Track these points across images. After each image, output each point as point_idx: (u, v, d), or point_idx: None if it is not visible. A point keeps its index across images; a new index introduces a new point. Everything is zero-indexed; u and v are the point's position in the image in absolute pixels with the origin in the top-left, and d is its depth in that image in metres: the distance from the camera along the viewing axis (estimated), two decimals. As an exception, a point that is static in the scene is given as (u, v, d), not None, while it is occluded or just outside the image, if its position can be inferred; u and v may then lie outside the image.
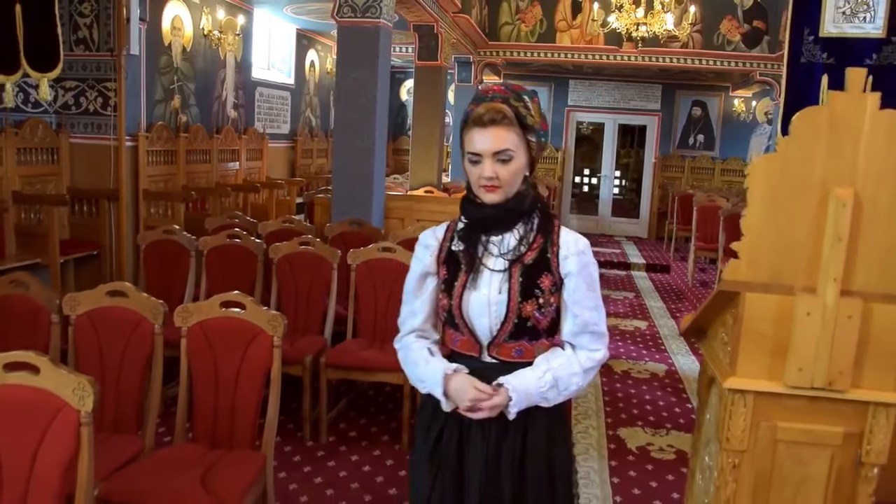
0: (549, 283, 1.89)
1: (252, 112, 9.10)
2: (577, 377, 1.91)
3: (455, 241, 1.97)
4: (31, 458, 2.13)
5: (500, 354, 1.94)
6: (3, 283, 3.38)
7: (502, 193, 1.85)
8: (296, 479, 3.77)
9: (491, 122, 1.82)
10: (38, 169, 6.03)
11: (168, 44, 7.05)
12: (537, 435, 1.95)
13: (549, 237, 1.92)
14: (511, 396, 1.85)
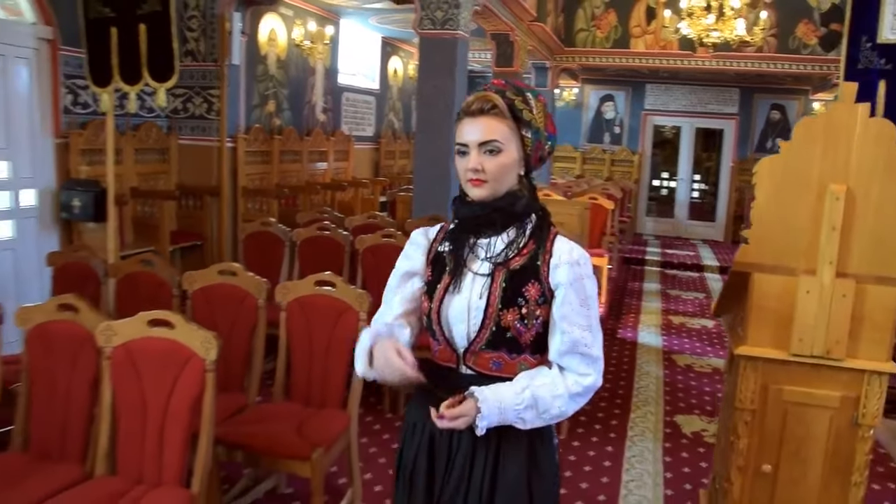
0: (535, 293, 1.75)
1: (339, 116, 9.69)
2: (561, 400, 1.74)
3: (444, 242, 1.85)
4: (168, 396, 2.66)
5: (476, 365, 1.79)
6: (134, 262, 4.00)
7: (489, 189, 1.73)
8: (375, 444, 4.23)
9: (479, 111, 1.73)
10: (152, 167, 6.72)
11: (264, 54, 7.67)
12: (514, 458, 1.79)
13: (543, 244, 1.78)
14: (479, 407, 1.69)
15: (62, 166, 5.79)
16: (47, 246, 5.57)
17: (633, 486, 3.90)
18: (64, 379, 2.87)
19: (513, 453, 1.79)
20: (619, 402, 5.07)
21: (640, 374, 5.71)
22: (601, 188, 9.32)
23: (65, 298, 2.93)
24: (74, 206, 5.54)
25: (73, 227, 5.80)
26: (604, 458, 4.20)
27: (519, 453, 1.80)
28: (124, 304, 3.85)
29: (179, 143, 6.97)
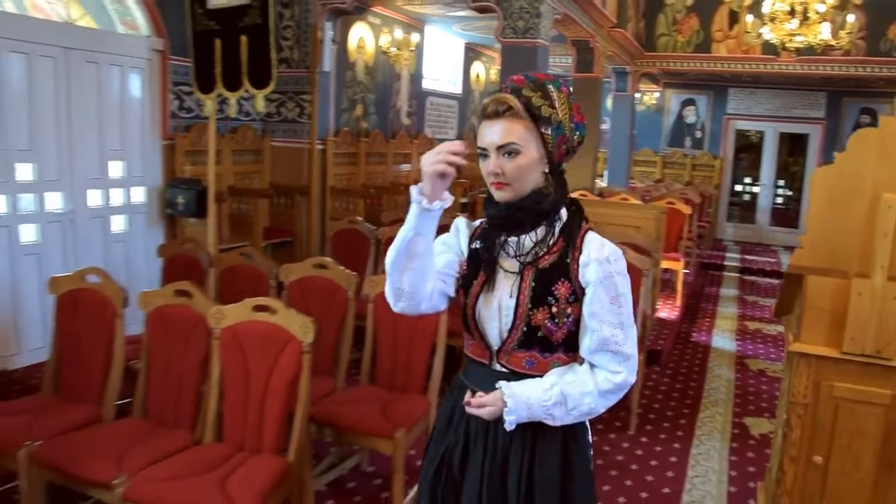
0: (565, 291, 1.74)
1: (423, 119, 10.03)
2: (591, 398, 1.74)
3: (477, 240, 1.86)
4: (269, 374, 2.98)
5: (510, 363, 1.80)
6: (235, 255, 4.39)
7: (512, 191, 1.71)
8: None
9: (495, 114, 1.71)
10: (247, 167, 7.18)
11: (353, 61, 8.05)
12: (549, 456, 1.80)
13: (572, 241, 1.76)
14: (506, 402, 1.73)
15: (168, 166, 6.29)
16: (154, 239, 6.07)
17: (698, 481, 4.04)
18: (178, 356, 3.23)
19: (548, 451, 1.80)
20: (689, 402, 5.19)
21: (711, 376, 5.81)
22: (680, 193, 9.37)
23: (180, 285, 3.30)
24: (178, 202, 6.02)
25: (176, 222, 6.29)
26: (670, 454, 4.35)
27: (554, 452, 1.80)
28: (226, 293, 4.23)
29: (272, 145, 7.41)
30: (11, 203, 5.13)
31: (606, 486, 3.89)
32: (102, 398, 3.35)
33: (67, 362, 3.50)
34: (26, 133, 5.15)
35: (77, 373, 3.46)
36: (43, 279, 5.21)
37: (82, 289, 3.52)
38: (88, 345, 3.44)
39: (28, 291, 5.24)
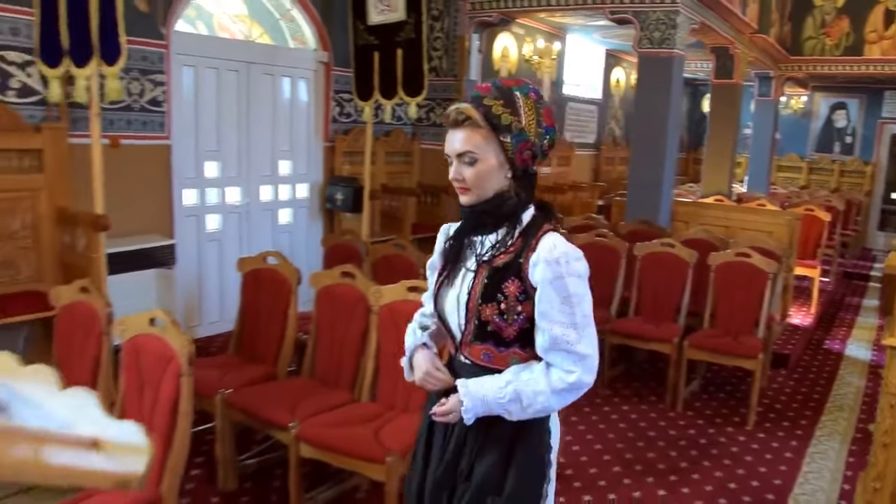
0: (515, 290, 1.79)
1: (563, 124, 10.34)
2: (543, 396, 1.77)
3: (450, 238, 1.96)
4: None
5: (471, 355, 1.89)
6: (389, 246, 4.94)
7: (473, 195, 1.81)
8: (577, 415, 4.83)
9: (455, 123, 1.79)
10: (398, 168, 7.78)
11: (497, 69, 8.51)
12: (492, 449, 1.88)
13: (529, 242, 1.80)
14: (462, 399, 1.80)
15: (329, 165, 6.98)
16: (314, 231, 6.78)
17: (812, 476, 4.18)
18: (342, 328, 3.78)
19: (492, 446, 1.87)
20: (813, 405, 5.26)
21: (839, 383, 5.82)
22: (823, 200, 9.20)
23: (345, 268, 3.85)
24: (337, 198, 6.68)
25: (334, 216, 6.96)
26: (786, 450, 4.49)
27: (497, 446, 1.87)
28: (380, 278, 4.76)
29: (421, 148, 7.98)
30: (200, 196, 5.94)
31: (718, 473, 4.12)
32: (277, 360, 3.96)
33: (249, 329, 4.14)
34: (214, 136, 5.95)
35: (257, 338, 4.09)
36: (222, 262, 6.03)
37: (263, 268, 4.16)
38: (267, 315, 4.06)
39: (210, 272, 6.04)
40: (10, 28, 4.52)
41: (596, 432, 4.59)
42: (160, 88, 5.43)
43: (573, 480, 3.95)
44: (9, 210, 4.43)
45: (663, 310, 5.34)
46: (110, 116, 4.94)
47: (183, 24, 5.77)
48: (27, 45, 4.54)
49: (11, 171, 4.43)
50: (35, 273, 4.58)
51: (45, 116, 4.68)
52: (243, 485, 3.72)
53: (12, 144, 4.40)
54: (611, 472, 4.06)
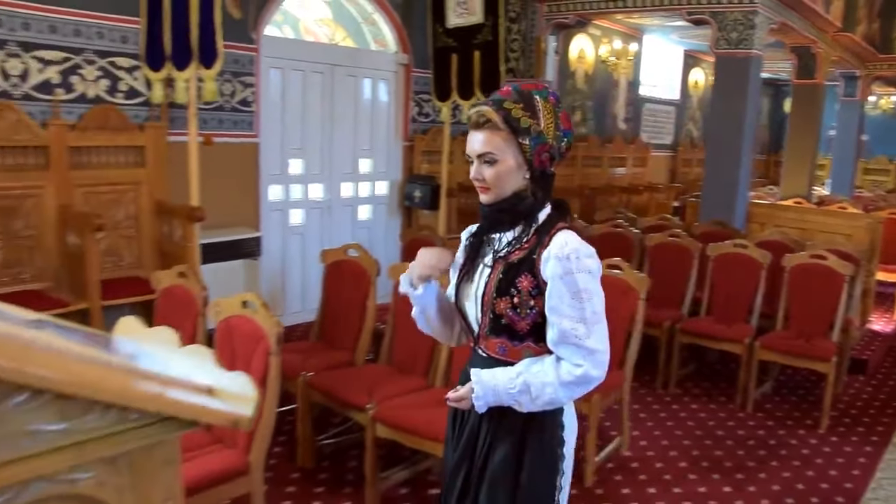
0: (528, 284, 1.86)
1: (639, 125, 10.34)
2: (551, 388, 1.82)
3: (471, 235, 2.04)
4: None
5: (487, 348, 1.95)
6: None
7: (492, 194, 1.87)
8: (646, 412, 4.92)
9: (476, 125, 1.86)
10: (474, 167, 7.95)
11: (573, 70, 8.59)
12: (504, 441, 1.93)
13: (542, 239, 1.87)
14: (474, 388, 1.88)
15: (407, 164, 7.22)
16: (392, 227, 7.03)
17: (886, 482, 4.10)
18: (417, 318, 3.97)
19: (504, 437, 1.93)
20: (891, 412, 5.14)
21: (925, 391, 5.69)
22: (911, 203, 8.94)
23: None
24: (415, 196, 6.90)
25: (412, 212, 7.19)
26: (860, 455, 4.43)
27: (509, 437, 1.92)
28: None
29: (501, 148, 8.12)
30: (285, 192, 6.25)
31: (786, 473, 4.12)
32: (356, 347, 4.18)
33: (330, 318, 4.37)
34: (299, 135, 6.25)
35: (337, 326, 4.32)
36: (304, 255, 6.32)
37: (345, 260, 4.39)
38: (347, 305, 4.29)
39: (293, 264, 6.35)
40: (121, 36, 4.90)
41: (663, 429, 4.65)
42: (250, 90, 5.75)
43: (638, 473, 4.03)
44: (114, 202, 4.82)
45: (735, 310, 5.35)
46: (204, 116, 5.26)
47: (271, 29, 6.08)
48: (134, 51, 4.93)
49: (118, 167, 4.83)
50: (136, 260, 4.97)
51: (148, 116, 5.05)
52: (321, 463, 3.95)
53: (120, 142, 4.80)
54: (676, 468, 4.12)
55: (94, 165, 4.76)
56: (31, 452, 1.04)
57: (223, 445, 3.01)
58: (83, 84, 4.76)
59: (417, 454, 3.80)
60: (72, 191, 4.65)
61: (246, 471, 2.90)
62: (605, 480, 3.92)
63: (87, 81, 4.77)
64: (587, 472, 3.86)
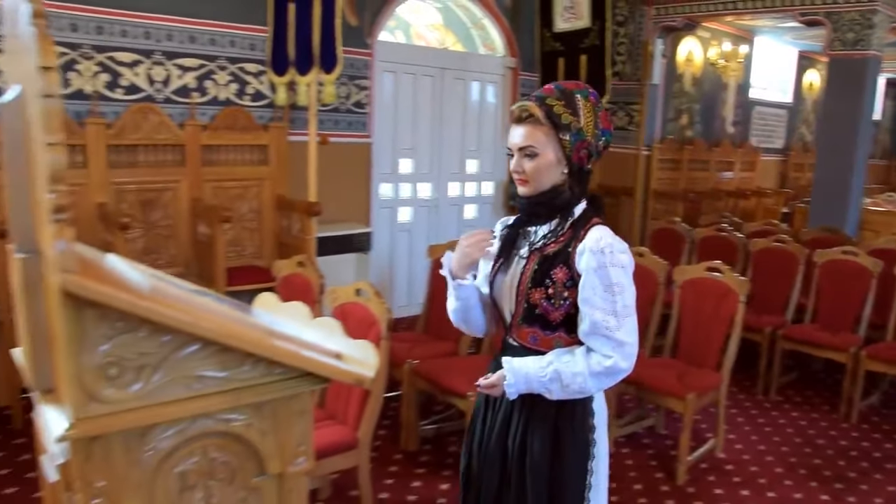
0: (562, 276, 1.90)
1: (748, 128, 10.13)
2: (581, 378, 1.87)
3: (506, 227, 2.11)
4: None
5: (519, 338, 2.01)
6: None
7: (531, 187, 1.93)
8: (744, 416, 4.91)
9: (518, 119, 1.92)
10: (577, 169, 8.05)
11: (681, 73, 8.53)
12: (539, 432, 1.99)
13: (578, 233, 1.92)
14: (506, 375, 1.94)
15: (512, 165, 7.37)
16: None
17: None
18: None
19: (538, 425, 2.00)
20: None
21: None
22: None
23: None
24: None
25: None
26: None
27: (543, 425, 1.99)
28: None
29: (603, 151, 8.18)
30: (395, 190, 6.55)
31: (891, 487, 4.03)
32: (459, 339, 4.37)
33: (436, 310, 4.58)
34: (409, 135, 6.53)
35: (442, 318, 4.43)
36: (412, 252, 6.61)
37: (449, 256, 4.60)
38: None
39: (400, 260, 6.64)
40: (250, 44, 5.30)
41: (761, 434, 4.63)
42: (364, 92, 6.07)
43: (732, 475, 4.06)
44: (240, 196, 5.23)
45: (841, 319, 5.25)
46: (322, 117, 5.60)
47: (385, 35, 6.38)
48: (261, 57, 5.34)
49: (245, 164, 5.25)
50: (257, 250, 5.38)
51: (272, 117, 5.44)
52: (423, 447, 4.19)
53: (247, 141, 5.21)
54: (772, 473, 4.12)
55: (222, 162, 5.19)
56: (199, 393, 1.29)
57: (335, 421, 3.28)
58: (216, 88, 5.19)
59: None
60: (203, 185, 5.09)
61: (355, 445, 3.16)
62: (697, 479, 3.97)
63: (219, 85, 5.20)
64: (679, 471, 3.93)
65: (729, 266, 4.29)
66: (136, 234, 4.76)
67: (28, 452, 3.89)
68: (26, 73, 1.21)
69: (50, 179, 1.10)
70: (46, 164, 1.10)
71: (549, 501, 2.01)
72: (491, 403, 2.13)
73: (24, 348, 1.43)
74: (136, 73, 4.82)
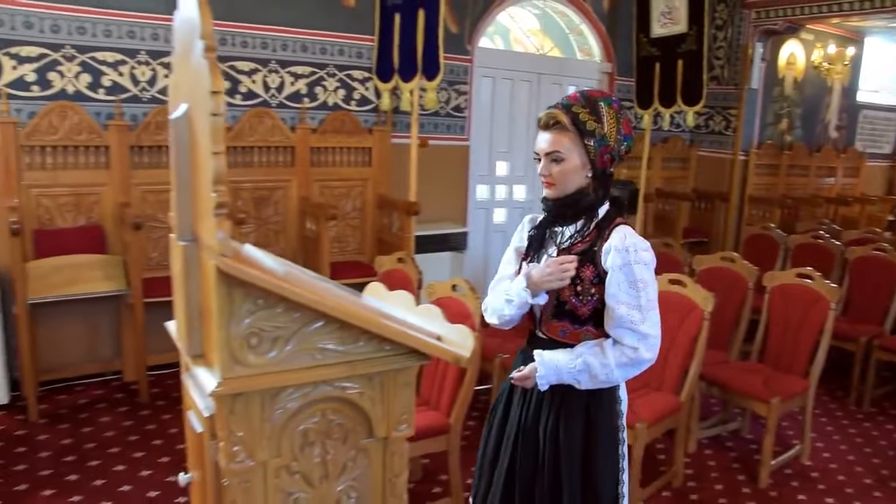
0: (590, 274, 2.02)
1: (853, 133, 9.83)
2: (608, 369, 2.01)
3: (533, 229, 2.22)
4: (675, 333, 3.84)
5: (548, 332, 2.13)
6: (658, 244, 5.34)
7: (557, 190, 2.05)
8: (833, 426, 4.86)
9: (545, 126, 2.04)
10: (674, 173, 8.06)
11: (781, 77, 8.38)
12: (573, 417, 2.11)
13: (603, 233, 2.04)
14: (538, 367, 2.06)
15: (606, 169, 7.46)
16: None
17: None
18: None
19: (571, 416, 2.11)
20: None
21: None
22: None
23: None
24: (612, 200, 7.15)
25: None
26: None
27: (578, 413, 2.11)
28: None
29: (698, 155, 8.18)
30: (490, 191, 6.78)
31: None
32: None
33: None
34: (506, 139, 6.75)
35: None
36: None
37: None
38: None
39: (494, 260, 6.81)
40: (357, 53, 5.64)
41: (851, 444, 4.59)
42: (463, 97, 6.32)
43: (817, 483, 4.06)
44: (344, 195, 5.58)
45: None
46: (422, 120, 5.86)
47: (485, 41, 6.60)
48: (367, 65, 5.68)
49: (350, 165, 5.62)
50: (359, 246, 5.72)
51: (376, 121, 5.75)
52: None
53: (352, 143, 5.56)
54: (861, 483, 4.09)
55: (329, 163, 5.55)
56: (321, 363, 1.53)
57: (428, 407, 3.51)
58: (325, 94, 5.55)
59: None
60: (311, 185, 5.45)
61: (446, 430, 3.37)
62: (780, 484, 4.01)
63: (328, 91, 5.56)
64: (762, 474, 3.98)
65: (819, 274, 4.28)
66: (249, 228, 5.15)
67: (153, 423, 4.33)
68: (193, 94, 1.48)
69: (214, 181, 1.36)
70: (211, 169, 1.37)
71: (584, 486, 2.13)
72: (519, 394, 2.24)
73: (178, 321, 1.70)
74: (253, 81, 5.23)
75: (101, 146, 4.67)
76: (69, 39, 4.58)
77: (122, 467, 3.80)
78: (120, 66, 4.77)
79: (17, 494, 3.49)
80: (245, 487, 1.52)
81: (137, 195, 4.82)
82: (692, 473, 4.07)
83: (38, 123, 4.47)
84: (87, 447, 3.99)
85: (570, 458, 2.11)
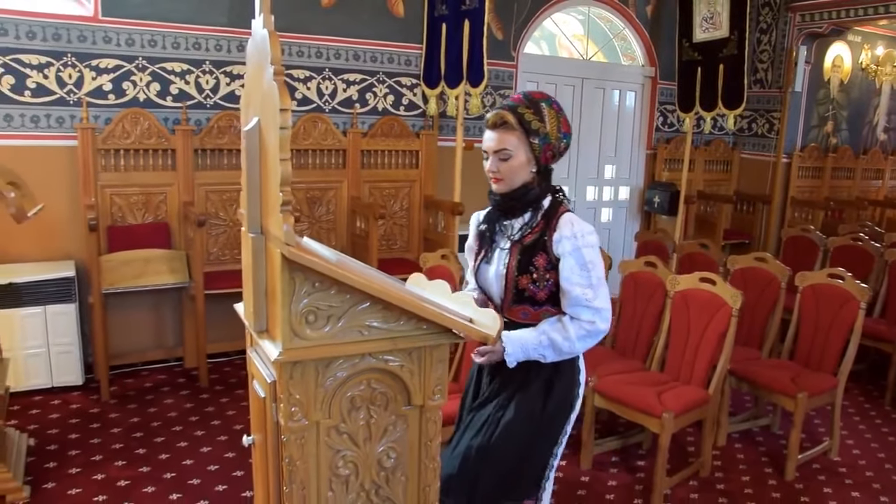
0: (543, 262, 2.22)
1: (902, 136, 9.75)
2: (570, 342, 2.20)
3: (482, 223, 2.40)
4: (704, 328, 4.00)
5: (510, 316, 2.32)
6: (694, 245, 5.49)
7: (505, 185, 2.23)
8: (866, 424, 4.95)
9: (493, 126, 2.20)
10: (716, 175, 8.16)
11: (827, 79, 8.38)
12: (536, 382, 2.30)
13: (550, 223, 2.23)
14: (505, 347, 2.22)
15: (648, 171, 7.65)
16: (631, 230, 7.50)
17: None
18: (640, 308, 4.46)
19: (535, 380, 2.30)
20: None
21: None
22: None
23: (649, 258, 4.53)
24: (655, 201, 7.32)
25: (650, 217, 7.60)
26: None
27: (539, 381, 2.31)
28: (683, 268, 5.35)
29: (741, 157, 8.26)
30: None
31: None
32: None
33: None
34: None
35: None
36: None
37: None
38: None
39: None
40: (405, 60, 5.92)
41: (882, 443, 4.67)
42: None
43: (844, 477, 4.16)
44: (393, 195, 5.87)
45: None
46: (467, 124, 6.09)
47: (530, 45, 6.81)
48: (415, 72, 5.96)
49: (399, 167, 5.92)
50: (405, 244, 6.00)
51: (423, 125, 6.03)
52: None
53: (400, 146, 5.85)
54: (889, 479, 4.17)
55: (378, 165, 5.85)
56: (367, 339, 1.78)
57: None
58: (375, 99, 5.84)
59: (632, 428, 4.35)
60: (361, 185, 5.74)
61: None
62: (807, 478, 4.12)
63: (378, 97, 5.85)
64: (788, 467, 4.09)
65: (850, 275, 4.38)
66: (302, 226, 5.47)
67: (212, 405, 4.67)
68: (263, 109, 1.75)
69: (281, 183, 1.63)
70: (278, 173, 1.64)
71: (518, 444, 2.30)
72: (487, 370, 2.44)
73: (246, 301, 1.97)
74: (308, 88, 5.54)
75: (169, 149, 5.03)
76: (142, 52, 4.96)
77: (185, 444, 4.14)
78: (186, 75, 5.12)
79: (93, 464, 3.85)
80: (300, 444, 1.78)
81: (200, 194, 5.18)
82: (720, 465, 4.22)
83: (113, 129, 4.85)
84: (153, 425, 4.35)
85: (519, 407, 2.30)
